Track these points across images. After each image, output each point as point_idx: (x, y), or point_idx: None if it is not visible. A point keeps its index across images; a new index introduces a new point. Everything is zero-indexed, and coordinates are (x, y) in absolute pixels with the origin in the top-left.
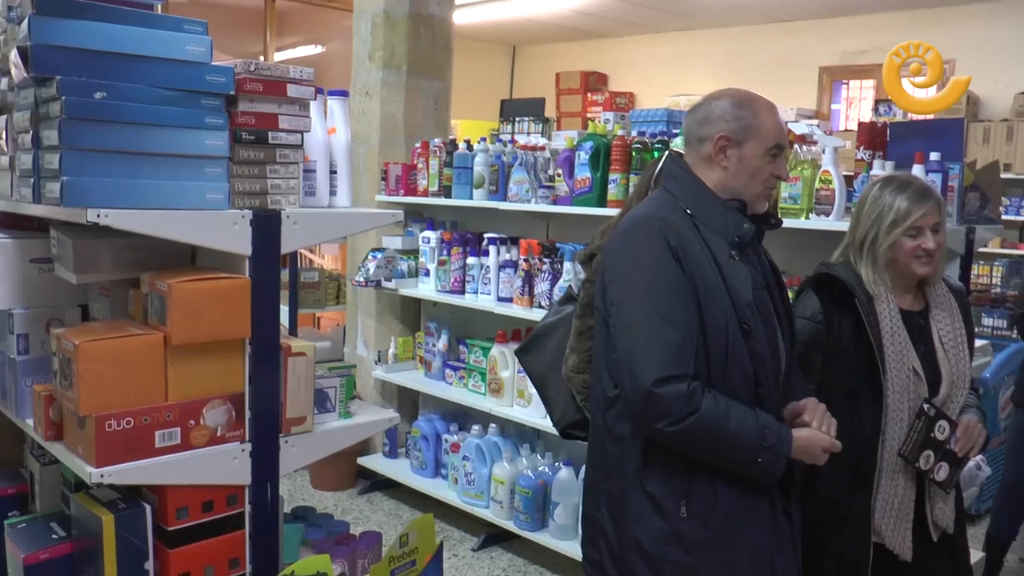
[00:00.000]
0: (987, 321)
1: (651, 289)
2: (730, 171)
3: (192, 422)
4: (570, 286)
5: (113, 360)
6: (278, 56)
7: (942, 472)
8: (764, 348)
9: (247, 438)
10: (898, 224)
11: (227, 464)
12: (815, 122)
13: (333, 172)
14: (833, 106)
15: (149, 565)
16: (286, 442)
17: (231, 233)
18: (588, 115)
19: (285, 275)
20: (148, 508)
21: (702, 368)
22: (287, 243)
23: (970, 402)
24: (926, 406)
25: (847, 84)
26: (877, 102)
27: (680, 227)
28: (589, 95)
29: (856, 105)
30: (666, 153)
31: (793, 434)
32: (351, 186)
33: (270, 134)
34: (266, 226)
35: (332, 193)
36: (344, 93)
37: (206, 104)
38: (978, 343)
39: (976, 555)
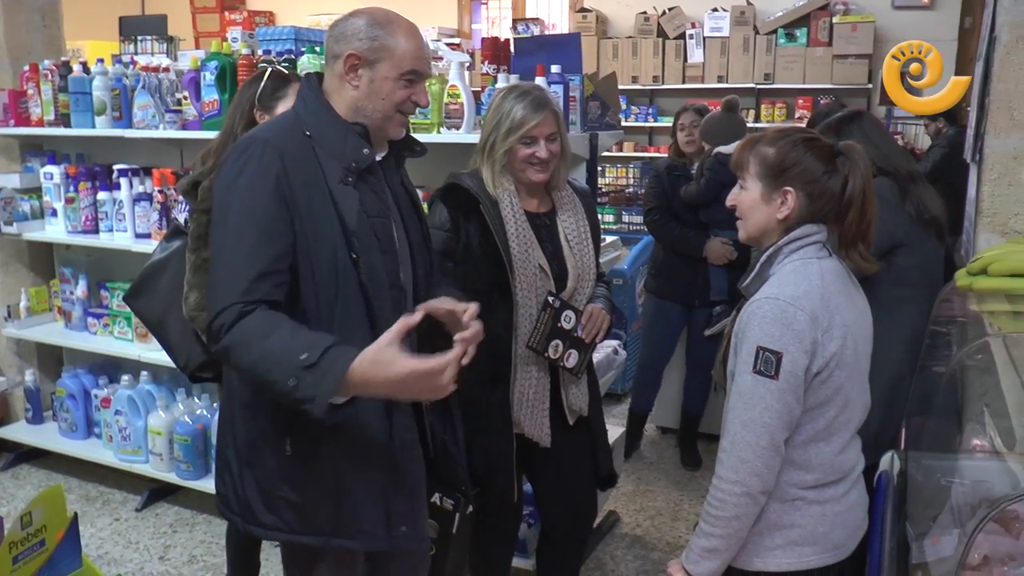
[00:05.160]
0: (625, 218)
1: (240, 216)
2: (361, 91)
3: None
4: (175, 218)
5: None
6: None
7: (572, 359)
8: (378, 277)
9: None
10: (513, 132)
11: None
12: (457, 40)
13: None
14: (474, 26)
15: None
16: None
17: None
18: (227, 35)
19: None
20: None
21: (310, 297)
22: None
23: (599, 293)
24: (551, 298)
25: (486, 4)
26: (515, 21)
27: (291, 150)
28: (227, 14)
29: (498, 25)
30: (267, 71)
31: (360, 355)
32: None
33: None
34: None
35: None
36: None
37: None
38: (609, 238)
39: (619, 431)
